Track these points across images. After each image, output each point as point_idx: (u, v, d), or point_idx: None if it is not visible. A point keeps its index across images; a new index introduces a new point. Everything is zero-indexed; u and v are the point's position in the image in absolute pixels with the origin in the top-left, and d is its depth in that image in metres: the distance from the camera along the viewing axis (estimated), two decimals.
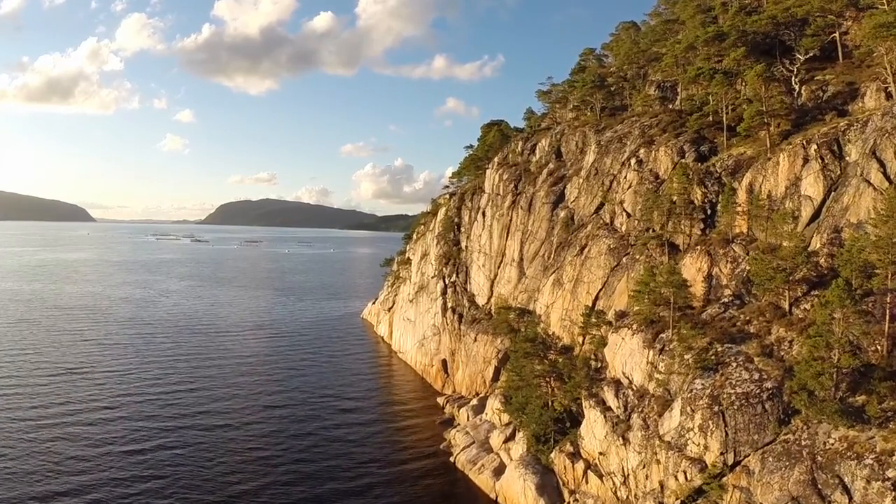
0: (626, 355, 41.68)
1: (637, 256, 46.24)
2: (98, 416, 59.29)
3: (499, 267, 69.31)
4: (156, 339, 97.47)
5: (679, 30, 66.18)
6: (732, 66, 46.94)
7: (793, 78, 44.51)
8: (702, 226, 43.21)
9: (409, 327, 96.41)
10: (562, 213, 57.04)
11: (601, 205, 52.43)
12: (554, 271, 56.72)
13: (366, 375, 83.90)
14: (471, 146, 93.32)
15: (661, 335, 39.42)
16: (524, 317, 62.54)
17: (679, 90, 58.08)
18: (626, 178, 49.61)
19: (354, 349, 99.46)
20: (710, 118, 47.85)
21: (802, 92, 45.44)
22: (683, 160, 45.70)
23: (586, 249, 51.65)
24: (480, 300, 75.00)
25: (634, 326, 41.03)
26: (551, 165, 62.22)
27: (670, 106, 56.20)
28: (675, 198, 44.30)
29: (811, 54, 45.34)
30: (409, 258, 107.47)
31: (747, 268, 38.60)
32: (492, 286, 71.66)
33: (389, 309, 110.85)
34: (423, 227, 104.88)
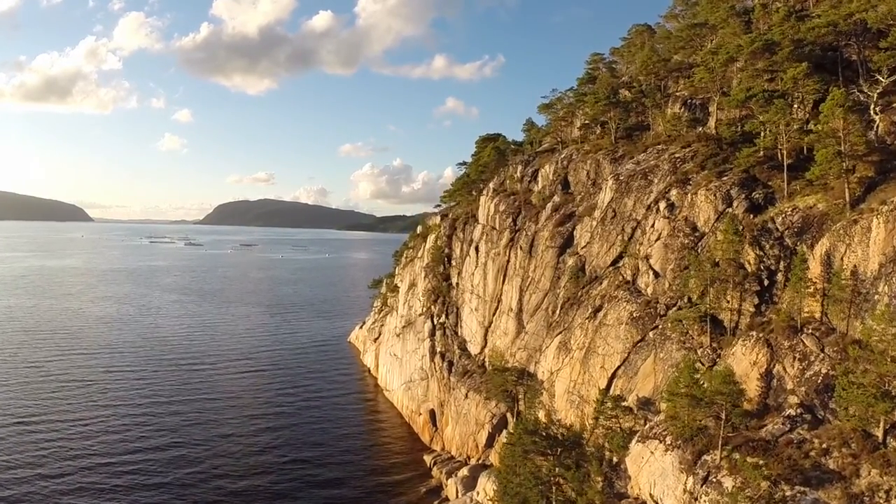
0: (656, 474, 31.59)
1: (669, 333, 36.07)
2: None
3: (494, 314, 59.16)
4: (122, 374, 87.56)
5: (707, 35, 55.86)
6: (790, 87, 36.65)
7: (872, 107, 34.12)
8: (756, 301, 33.01)
9: (396, 364, 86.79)
10: (570, 261, 46.76)
11: (620, 256, 42.21)
12: (560, 332, 46.58)
13: (348, 426, 73.85)
14: (464, 163, 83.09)
15: (705, 456, 29.32)
16: (523, 379, 52.53)
17: (711, 110, 47.76)
18: (653, 226, 39.33)
19: (338, 387, 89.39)
20: (761, 152, 37.53)
21: (879, 124, 35.16)
22: (731, 209, 35.43)
23: (601, 313, 41.47)
24: (473, 348, 64.93)
25: (668, 440, 30.92)
26: (557, 199, 51.81)
27: (702, 129, 45.87)
28: (719, 259, 34.16)
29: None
30: (396, 285, 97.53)
31: (823, 371, 28.48)
32: (486, 334, 61.56)
33: (376, 339, 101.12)
34: (411, 250, 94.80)
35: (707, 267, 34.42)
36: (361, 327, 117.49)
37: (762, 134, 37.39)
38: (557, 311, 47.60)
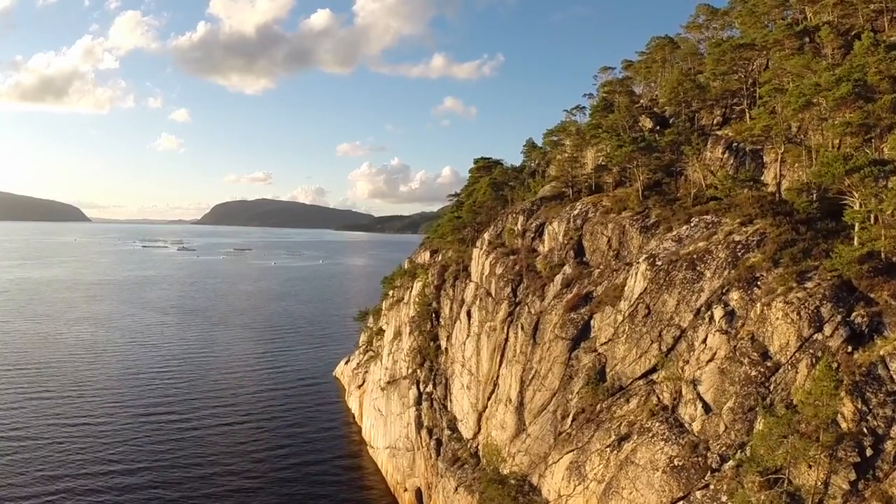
0: None
1: (724, 499, 25.57)
2: None
3: (489, 398, 48.61)
4: (83, 427, 76.29)
5: (753, 58, 45.06)
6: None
7: None
8: (853, 476, 22.51)
9: (380, 421, 76.63)
10: (585, 359, 36.13)
11: (655, 368, 31.66)
12: (572, 451, 36.12)
13: (329, 499, 63.95)
14: (456, 195, 72.26)
15: None
16: (523, 493, 42.05)
17: (768, 160, 37.09)
18: (704, 341, 28.72)
19: (320, 444, 78.60)
20: (857, 240, 26.83)
21: None
22: (821, 335, 24.83)
23: (629, 445, 30.96)
24: (464, 430, 54.40)
25: None
26: (568, 270, 40.95)
27: (759, 188, 35.09)
28: (803, 407, 23.68)
29: None
30: (382, 328, 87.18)
31: None
32: (479, 419, 51.00)
33: (360, 386, 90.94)
34: (398, 289, 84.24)
35: (784, 416, 23.98)
36: (347, 363, 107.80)
37: (855, 224, 26.43)
38: (569, 421, 37.04)
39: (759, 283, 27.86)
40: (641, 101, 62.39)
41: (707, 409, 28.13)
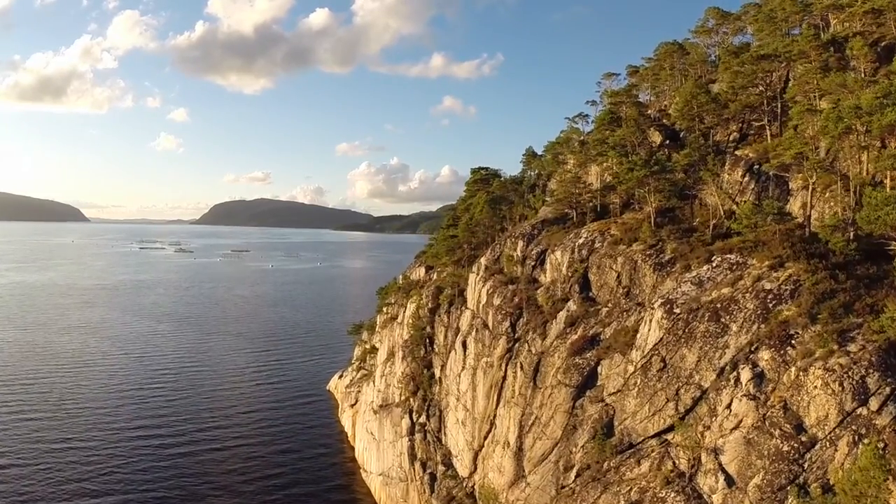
0: None
1: None
2: None
3: (485, 437, 45.06)
4: (65, 452, 71.76)
5: (773, 69, 41.38)
6: None
7: None
8: None
9: (373, 445, 73.15)
10: (591, 410, 32.52)
11: (671, 428, 28.06)
12: None
13: None
14: (451, 208, 68.54)
15: None
16: None
17: (794, 186, 33.46)
18: (728, 406, 25.12)
19: (315, 467, 74.82)
20: None
21: None
22: (866, 410, 21.25)
23: None
24: (459, 467, 50.84)
25: None
26: (573, 307, 37.20)
27: (786, 218, 31.46)
28: (843, 496, 20.15)
29: None
30: (375, 346, 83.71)
31: None
32: (475, 458, 47.48)
33: (353, 405, 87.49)
34: (392, 306, 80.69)
35: (820, 500, 20.46)
36: (341, 377, 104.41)
37: None
38: (572, 476, 33.47)
39: (793, 342, 24.21)
40: (650, 111, 58.67)
41: (730, 482, 24.52)
